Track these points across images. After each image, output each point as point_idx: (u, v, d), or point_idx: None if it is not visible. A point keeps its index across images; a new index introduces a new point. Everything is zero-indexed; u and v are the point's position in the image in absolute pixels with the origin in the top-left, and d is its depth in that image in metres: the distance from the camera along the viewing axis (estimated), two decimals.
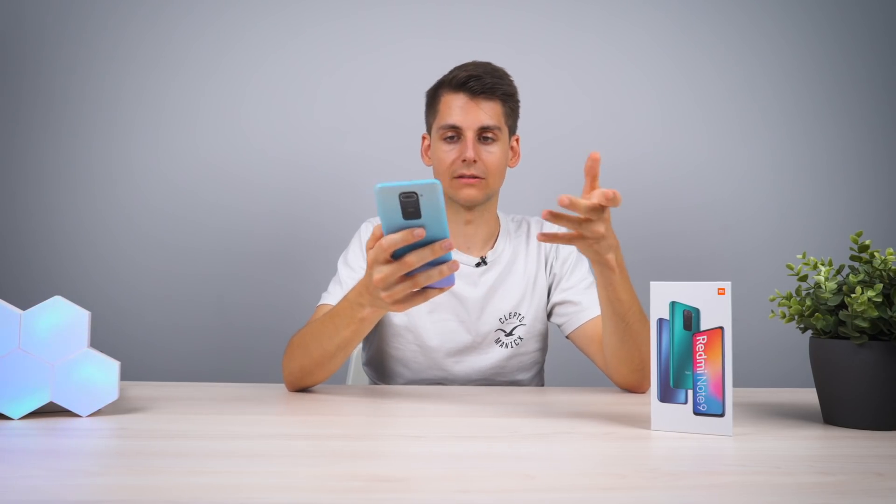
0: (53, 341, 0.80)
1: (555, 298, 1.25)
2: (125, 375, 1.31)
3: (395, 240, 0.79)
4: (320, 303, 1.19)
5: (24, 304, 0.86)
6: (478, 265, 1.24)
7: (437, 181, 0.76)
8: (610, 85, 1.99)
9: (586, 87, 1.98)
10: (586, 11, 1.99)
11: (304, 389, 1.08)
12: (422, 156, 1.30)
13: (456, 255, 1.24)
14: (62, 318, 0.81)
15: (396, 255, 0.82)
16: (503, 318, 1.24)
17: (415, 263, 0.81)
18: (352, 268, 1.21)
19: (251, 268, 1.90)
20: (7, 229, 1.86)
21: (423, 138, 1.30)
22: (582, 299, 1.21)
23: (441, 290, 0.86)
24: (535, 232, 1.31)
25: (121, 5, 1.91)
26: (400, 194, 0.75)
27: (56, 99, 1.89)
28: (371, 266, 0.84)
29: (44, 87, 1.88)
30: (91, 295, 1.84)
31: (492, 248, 1.27)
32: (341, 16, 1.95)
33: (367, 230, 1.27)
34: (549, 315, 1.27)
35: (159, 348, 1.86)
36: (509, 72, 1.24)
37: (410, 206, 0.76)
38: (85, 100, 1.89)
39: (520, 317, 1.24)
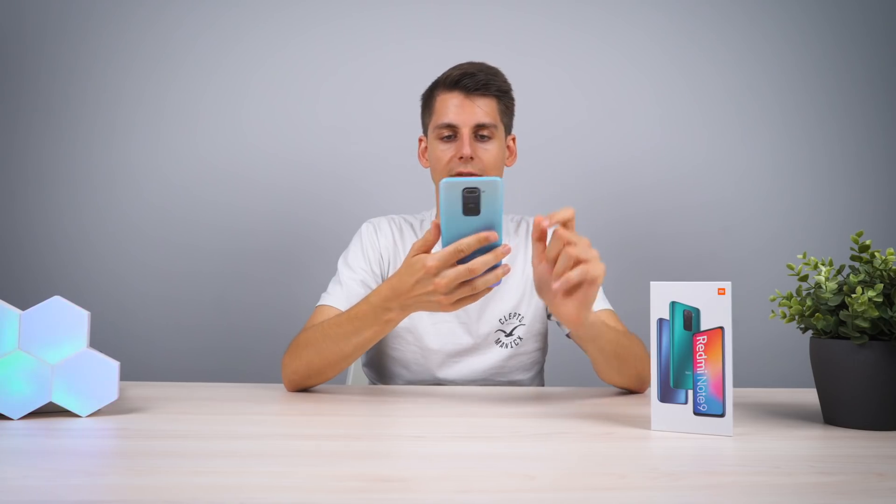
0: (53, 341, 0.80)
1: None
2: (125, 375, 1.31)
3: (470, 243, 0.82)
4: (320, 303, 1.18)
5: (24, 304, 0.86)
6: None
7: (500, 179, 0.80)
8: (609, 85, 1.99)
9: (585, 87, 1.98)
10: (586, 12, 1.99)
11: (304, 389, 1.08)
12: (419, 158, 1.30)
13: None
14: (62, 318, 0.81)
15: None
16: (503, 319, 1.24)
17: (479, 270, 0.84)
18: (352, 268, 1.21)
19: (251, 268, 1.90)
20: (7, 229, 1.86)
21: (420, 140, 1.30)
22: None
23: (489, 289, 0.88)
24: (532, 231, 1.30)
25: (121, 5, 1.91)
26: (463, 189, 0.80)
27: (56, 99, 1.89)
28: (434, 271, 0.85)
29: (44, 87, 1.88)
30: (91, 295, 1.84)
31: None
32: (341, 16, 1.95)
33: (367, 231, 1.27)
34: (550, 314, 1.27)
35: (159, 348, 1.86)
36: (509, 72, 1.24)
37: (472, 201, 0.81)
38: (85, 100, 1.89)
39: (519, 317, 1.24)
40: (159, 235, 1.89)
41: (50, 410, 0.83)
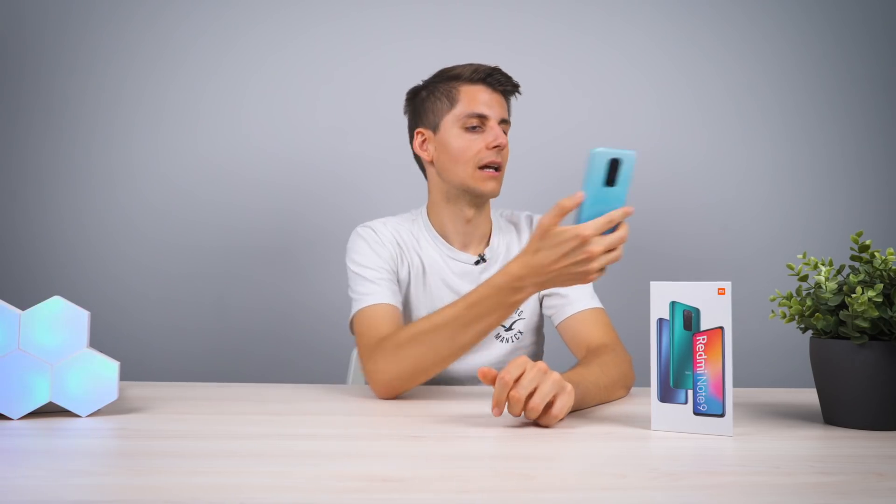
0: (53, 341, 0.80)
1: (544, 290, 1.25)
2: (125, 375, 1.31)
3: (620, 215, 0.85)
4: (363, 306, 1.13)
5: (24, 304, 0.86)
6: (477, 263, 1.25)
7: (634, 152, 0.84)
8: (609, 85, 1.99)
9: (585, 87, 1.98)
10: (585, 12, 1.99)
11: (398, 395, 1.04)
12: (417, 150, 1.27)
13: (456, 253, 1.24)
14: (62, 318, 0.81)
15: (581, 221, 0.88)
16: None
17: (626, 237, 0.87)
18: (373, 267, 1.18)
19: (251, 268, 1.90)
20: (7, 229, 1.86)
21: (418, 133, 1.27)
22: (569, 292, 1.21)
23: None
24: (524, 226, 1.31)
25: (121, 5, 1.91)
26: (610, 159, 0.83)
27: (56, 99, 1.89)
28: (590, 240, 0.85)
29: (44, 88, 1.88)
30: (90, 295, 1.84)
31: (487, 245, 1.27)
32: (340, 16, 1.95)
33: (366, 233, 1.24)
34: (540, 305, 1.28)
35: (159, 348, 1.86)
36: (508, 72, 1.25)
37: (614, 172, 0.85)
38: (85, 100, 1.89)
39: (518, 311, 1.24)
40: (159, 235, 1.89)
41: (50, 410, 0.83)
